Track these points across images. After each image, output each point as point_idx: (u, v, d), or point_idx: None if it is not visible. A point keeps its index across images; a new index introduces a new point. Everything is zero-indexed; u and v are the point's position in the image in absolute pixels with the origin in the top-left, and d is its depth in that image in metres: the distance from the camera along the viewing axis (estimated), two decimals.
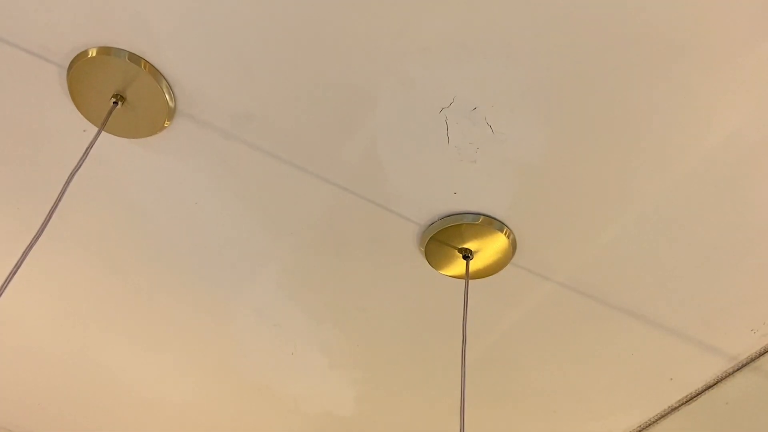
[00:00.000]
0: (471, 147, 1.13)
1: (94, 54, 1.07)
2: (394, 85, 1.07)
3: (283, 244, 1.34)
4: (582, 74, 1.02)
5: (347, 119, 1.13)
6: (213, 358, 1.62)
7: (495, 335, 1.46)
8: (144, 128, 1.17)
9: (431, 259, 1.30)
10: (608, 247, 1.25)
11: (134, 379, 1.70)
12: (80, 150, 1.21)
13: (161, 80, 1.10)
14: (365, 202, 1.24)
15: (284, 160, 1.20)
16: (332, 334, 1.52)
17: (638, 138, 1.09)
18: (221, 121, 1.15)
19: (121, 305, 1.50)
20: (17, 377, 1.72)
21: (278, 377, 1.65)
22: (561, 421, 1.65)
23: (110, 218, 1.33)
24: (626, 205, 1.18)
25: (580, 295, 1.34)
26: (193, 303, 1.48)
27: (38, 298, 1.51)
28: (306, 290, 1.43)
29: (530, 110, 1.08)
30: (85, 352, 1.63)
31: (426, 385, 1.62)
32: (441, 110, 1.09)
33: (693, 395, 1.50)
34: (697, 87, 1.02)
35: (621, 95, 1.04)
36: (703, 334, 1.38)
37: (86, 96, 1.13)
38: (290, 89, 1.10)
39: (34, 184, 1.28)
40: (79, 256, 1.40)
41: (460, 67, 1.04)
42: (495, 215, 1.23)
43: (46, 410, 1.81)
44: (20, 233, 1.37)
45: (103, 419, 1.83)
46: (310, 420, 1.77)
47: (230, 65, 1.08)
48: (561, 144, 1.11)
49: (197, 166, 1.22)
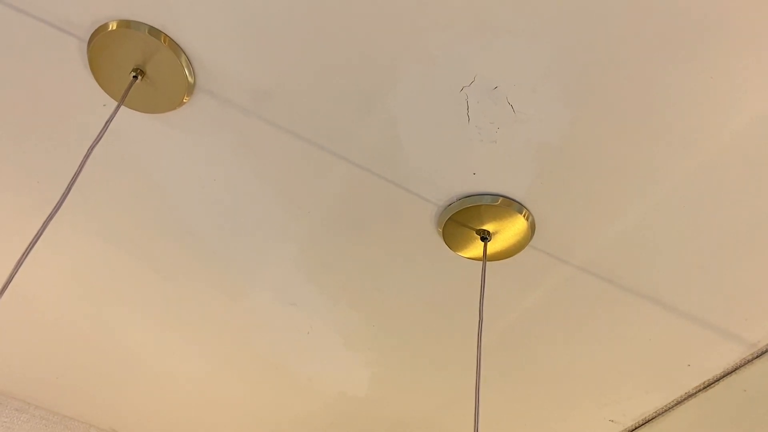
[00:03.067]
0: (492, 127, 1.12)
1: (114, 27, 1.07)
2: (415, 63, 1.06)
3: (300, 223, 1.34)
4: (606, 54, 1.01)
5: (367, 97, 1.12)
6: (229, 336, 1.63)
7: (512, 318, 1.45)
8: (163, 103, 1.17)
9: (449, 240, 1.29)
10: (628, 231, 1.24)
11: (150, 354, 1.71)
12: (99, 124, 1.21)
13: (181, 55, 1.10)
14: (383, 182, 1.24)
15: (303, 138, 1.19)
16: (348, 315, 1.52)
17: (662, 120, 1.07)
18: (240, 97, 1.15)
19: (138, 281, 1.51)
20: (34, 351, 1.74)
21: (293, 356, 1.66)
22: (576, 404, 1.65)
23: (128, 193, 1.33)
24: (648, 189, 1.17)
25: (598, 278, 1.33)
26: (210, 280, 1.49)
27: (55, 272, 1.52)
28: (322, 270, 1.43)
29: (553, 90, 1.06)
30: (101, 327, 1.65)
31: (441, 367, 1.62)
32: (462, 89, 1.08)
33: (711, 382, 1.49)
34: (725, 68, 1.00)
35: (646, 76, 1.02)
36: (723, 321, 1.37)
37: (106, 70, 1.13)
38: (310, 67, 1.09)
39: (53, 158, 1.29)
40: (96, 230, 1.41)
41: (482, 45, 1.02)
42: (514, 197, 1.22)
43: (63, 384, 1.83)
44: (40, 207, 1.37)
45: (118, 394, 1.85)
46: (324, 399, 1.78)
47: (250, 42, 1.07)
48: (583, 125, 1.10)
49: (216, 142, 1.22)
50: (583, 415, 1.68)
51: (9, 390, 1.86)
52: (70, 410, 1.91)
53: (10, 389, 1.86)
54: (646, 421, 1.63)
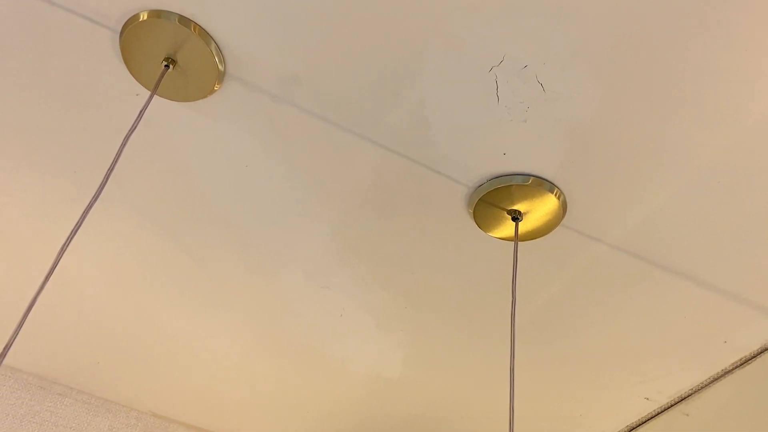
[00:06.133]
0: (521, 106, 1.12)
1: (145, 17, 1.08)
2: (443, 45, 1.06)
3: (331, 207, 1.35)
4: (636, 30, 0.99)
5: (395, 80, 1.12)
6: (263, 319, 1.65)
7: (545, 297, 1.45)
8: (194, 91, 1.18)
9: (480, 221, 1.29)
10: (661, 208, 1.23)
11: (187, 338, 1.74)
12: (134, 114, 1.23)
13: (211, 43, 1.11)
14: (413, 164, 1.24)
15: (332, 122, 1.20)
16: (380, 296, 1.54)
17: (694, 96, 1.06)
18: (269, 83, 1.16)
19: (174, 266, 1.54)
20: (75, 338, 1.79)
21: (327, 338, 1.68)
22: (611, 382, 1.64)
23: (163, 181, 1.36)
24: (681, 165, 1.16)
25: (631, 256, 1.32)
26: (244, 264, 1.51)
27: (94, 260, 1.55)
28: (354, 252, 1.44)
29: (582, 68, 1.05)
30: (139, 313, 1.68)
31: (474, 348, 1.63)
32: (491, 69, 1.08)
33: (748, 358, 1.48)
34: (759, 42, 0.98)
35: (675, 52, 1.01)
36: (758, 297, 1.36)
37: (138, 60, 1.14)
38: (337, 51, 1.10)
39: (89, 148, 1.31)
40: (133, 218, 1.44)
41: (510, 25, 1.02)
42: (545, 176, 1.21)
43: (104, 369, 1.88)
44: (79, 197, 1.40)
45: (157, 377, 1.89)
46: (358, 380, 1.80)
47: (278, 28, 1.08)
48: (614, 102, 1.09)
49: (246, 128, 1.24)
50: (618, 393, 1.68)
51: (52, 375, 1.91)
52: (110, 394, 1.96)
53: (53, 375, 1.91)
54: (681, 398, 1.62)
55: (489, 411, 1.83)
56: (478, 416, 1.85)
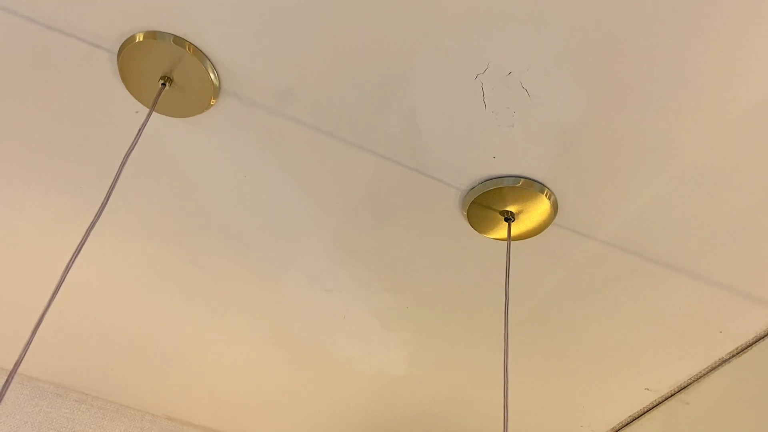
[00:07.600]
0: (508, 111, 1.15)
1: (141, 38, 1.12)
2: (430, 55, 1.09)
3: (329, 214, 1.39)
4: (616, 33, 1.02)
5: (385, 90, 1.15)
6: (269, 323, 1.69)
7: (542, 294, 1.48)
8: (192, 107, 1.22)
9: (474, 222, 1.33)
10: (651, 203, 1.26)
11: (196, 343, 1.79)
12: (134, 131, 1.28)
13: (205, 61, 1.15)
14: (407, 170, 1.27)
15: (327, 133, 1.23)
16: (382, 297, 1.57)
17: (677, 94, 1.08)
18: (264, 97, 1.19)
19: (182, 275, 1.58)
20: (89, 346, 1.83)
21: (332, 340, 1.72)
22: (612, 375, 1.67)
23: (166, 193, 1.40)
24: (667, 161, 1.18)
25: (624, 252, 1.35)
26: (248, 271, 1.55)
27: (106, 270, 1.60)
28: (355, 256, 1.47)
29: (565, 72, 1.08)
30: (150, 320, 1.73)
31: (476, 344, 1.66)
32: (476, 76, 1.11)
33: (743, 347, 1.51)
34: (737, 41, 1.01)
35: (657, 53, 1.04)
36: (752, 287, 1.38)
37: (136, 79, 1.18)
38: (329, 64, 1.13)
39: (93, 164, 1.35)
40: (138, 229, 1.48)
41: (492, 33, 1.05)
42: (535, 177, 1.25)
43: (118, 375, 1.93)
44: (85, 210, 1.45)
45: (169, 382, 1.93)
46: (364, 379, 1.84)
47: (269, 43, 1.11)
48: (598, 103, 1.12)
49: (244, 141, 1.27)
50: (619, 385, 1.71)
51: (68, 383, 1.96)
52: (125, 399, 2.01)
53: (70, 382, 1.96)
54: (681, 388, 1.65)
55: (494, 405, 1.87)
56: (484, 411, 1.89)
